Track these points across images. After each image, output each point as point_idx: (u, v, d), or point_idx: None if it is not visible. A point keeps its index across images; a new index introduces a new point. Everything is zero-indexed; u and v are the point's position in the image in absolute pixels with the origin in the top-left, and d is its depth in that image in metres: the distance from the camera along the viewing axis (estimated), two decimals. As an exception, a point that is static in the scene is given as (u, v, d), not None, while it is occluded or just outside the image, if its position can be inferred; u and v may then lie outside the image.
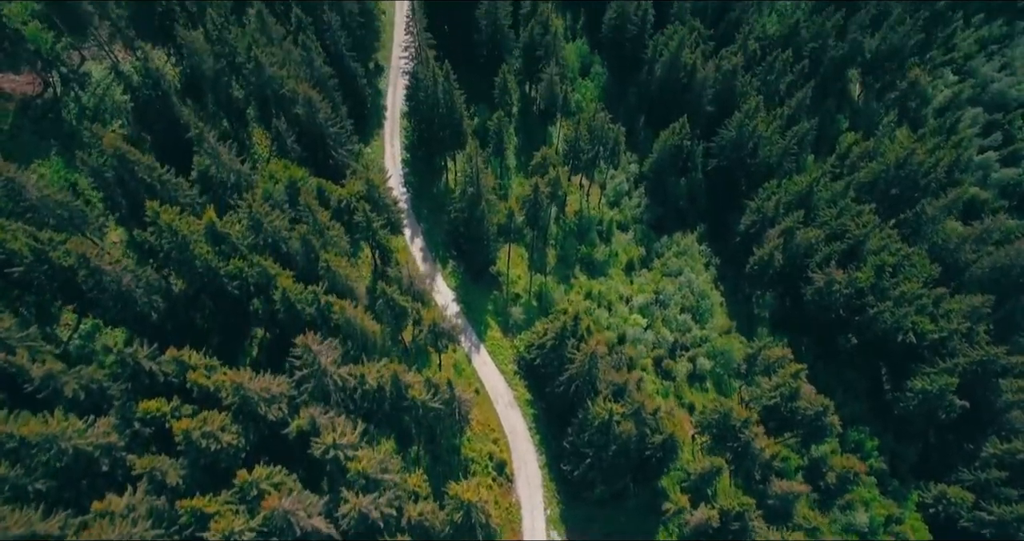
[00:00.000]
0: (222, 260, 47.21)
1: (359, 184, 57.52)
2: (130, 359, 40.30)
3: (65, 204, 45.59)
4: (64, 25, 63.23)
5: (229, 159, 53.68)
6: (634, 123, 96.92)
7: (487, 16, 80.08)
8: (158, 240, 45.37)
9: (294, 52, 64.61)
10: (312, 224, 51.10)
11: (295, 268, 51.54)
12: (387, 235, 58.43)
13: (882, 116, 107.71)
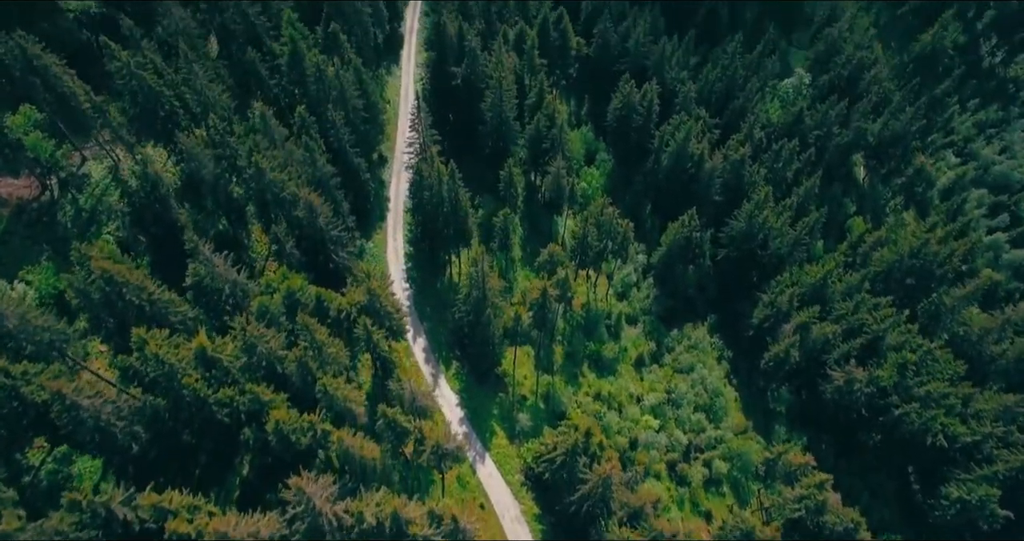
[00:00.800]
0: (212, 387, 44.00)
1: (360, 294, 54.94)
2: (101, 509, 36.46)
3: (46, 328, 42.81)
4: (67, 127, 62.25)
5: (225, 270, 51.28)
6: (640, 211, 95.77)
7: (492, 109, 79.76)
8: (144, 367, 42.35)
9: (296, 152, 63.44)
10: (310, 343, 48.16)
11: (290, 390, 48.29)
12: (389, 346, 55.34)
13: (889, 199, 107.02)
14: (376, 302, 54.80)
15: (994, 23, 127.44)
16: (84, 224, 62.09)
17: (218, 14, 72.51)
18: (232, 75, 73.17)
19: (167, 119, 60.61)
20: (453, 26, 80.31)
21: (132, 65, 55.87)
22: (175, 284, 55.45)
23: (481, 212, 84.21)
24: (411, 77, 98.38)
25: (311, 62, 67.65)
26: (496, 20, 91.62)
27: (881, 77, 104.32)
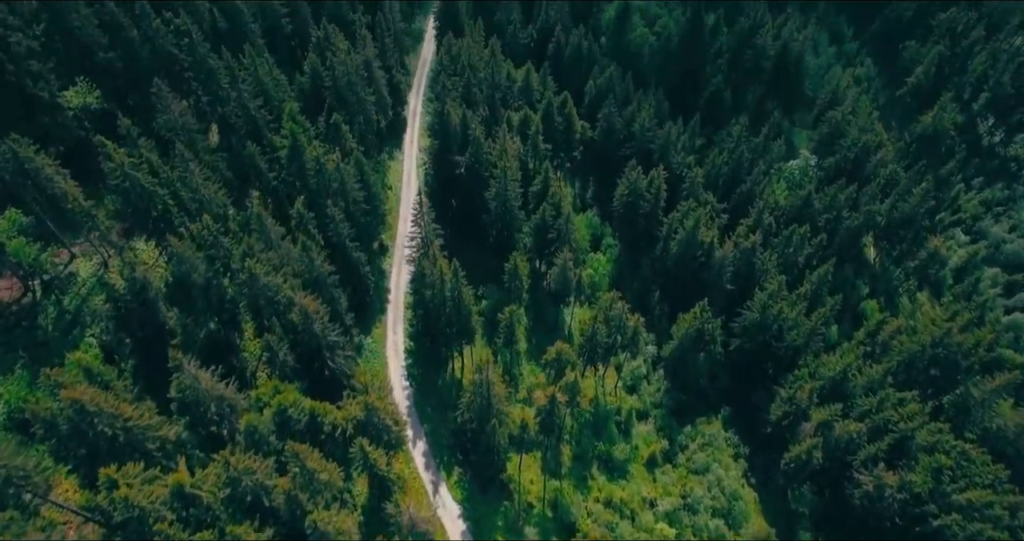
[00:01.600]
0: (188, 530, 39.54)
1: (357, 408, 51.07)
2: None
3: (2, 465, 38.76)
4: (55, 226, 59.84)
5: (211, 386, 47.59)
6: (649, 297, 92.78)
7: (497, 198, 77.90)
8: (112, 510, 38.08)
9: (293, 251, 60.86)
10: (300, 470, 43.94)
11: (278, 522, 43.76)
12: (387, 464, 50.97)
13: (902, 281, 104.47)
14: (374, 416, 50.87)
15: (989, 104, 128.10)
16: (67, 326, 58.83)
17: (219, 106, 71.57)
18: (231, 167, 71.61)
19: (160, 218, 58.30)
20: (456, 114, 79.45)
21: (126, 166, 53.93)
22: (160, 391, 51.81)
23: (485, 303, 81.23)
24: (414, 161, 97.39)
25: (311, 156, 66.03)
26: (500, 106, 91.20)
27: (888, 160, 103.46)
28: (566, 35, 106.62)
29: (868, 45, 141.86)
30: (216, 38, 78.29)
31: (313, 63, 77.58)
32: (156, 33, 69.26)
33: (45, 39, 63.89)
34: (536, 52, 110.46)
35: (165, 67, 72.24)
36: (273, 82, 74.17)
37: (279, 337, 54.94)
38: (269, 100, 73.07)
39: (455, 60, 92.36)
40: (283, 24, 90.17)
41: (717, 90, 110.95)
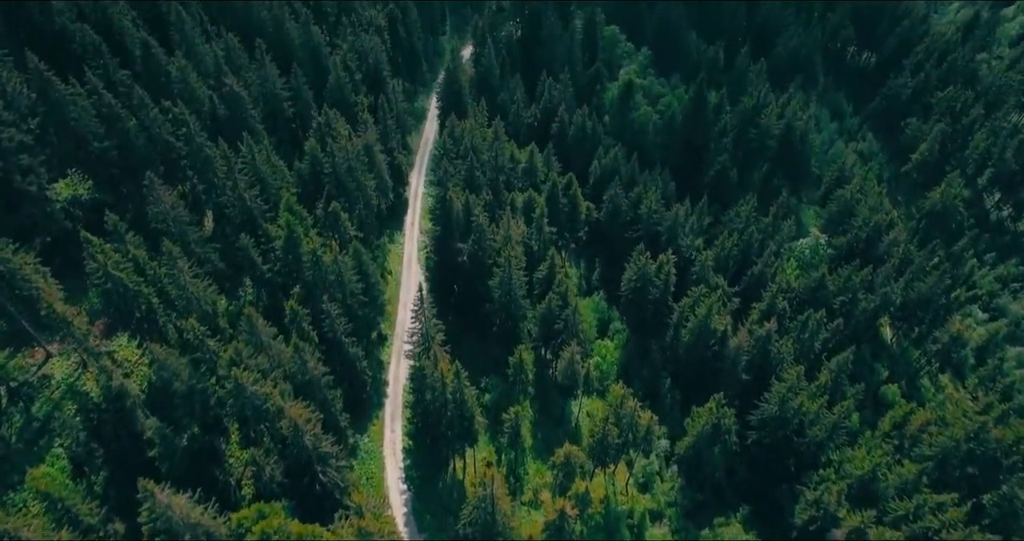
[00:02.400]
0: None
1: (350, 532, 46.10)
2: None
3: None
4: (31, 325, 56.27)
5: (185, 512, 42.83)
6: (659, 384, 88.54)
7: (501, 287, 74.66)
8: None
9: (285, 352, 57.12)
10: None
11: None
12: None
13: (924, 367, 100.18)
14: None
15: (994, 180, 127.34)
16: (34, 435, 54.33)
17: (215, 195, 69.35)
18: (224, 258, 68.73)
19: (144, 318, 54.88)
20: (459, 200, 77.26)
21: (109, 267, 50.89)
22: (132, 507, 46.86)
23: (488, 396, 76.83)
24: (415, 244, 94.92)
25: (307, 248, 63.20)
26: (503, 188, 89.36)
27: (901, 239, 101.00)
28: (569, 115, 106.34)
29: (869, 121, 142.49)
30: (215, 124, 77.20)
31: (312, 149, 75.97)
32: (154, 122, 67.78)
33: (40, 132, 62.17)
34: (539, 131, 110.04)
35: (162, 155, 70.52)
36: (271, 170, 72.25)
37: (266, 451, 50.59)
38: (266, 188, 70.91)
39: (458, 142, 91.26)
40: (285, 108, 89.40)
41: (723, 169, 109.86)
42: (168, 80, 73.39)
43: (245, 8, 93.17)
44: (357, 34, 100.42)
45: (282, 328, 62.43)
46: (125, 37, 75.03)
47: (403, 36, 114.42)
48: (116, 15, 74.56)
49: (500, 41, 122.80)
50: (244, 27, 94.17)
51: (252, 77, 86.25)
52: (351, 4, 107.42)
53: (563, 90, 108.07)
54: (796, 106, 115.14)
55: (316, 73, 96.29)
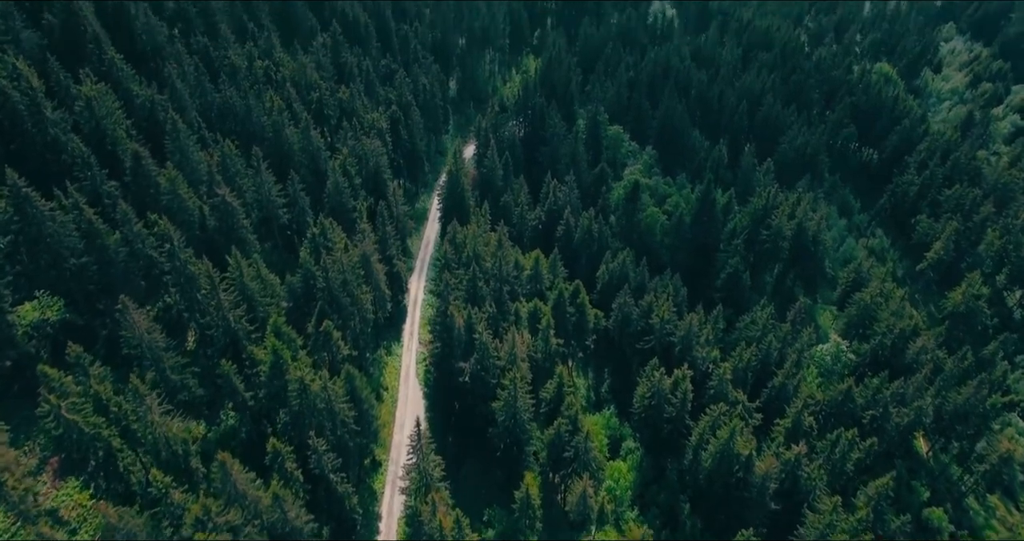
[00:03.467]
0: None
1: None
2: None
3: None
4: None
5: None
6: (678, 510, 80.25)
7: (506, 409, 68.26)
8: None
9: (264, 500, 50.18)
10: None
11: None
12: None
13: (970, 488, 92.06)
14: None
15: (1012, 278, 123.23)
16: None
17: (198, 314, 64.30)
18: (204, 383, 62.86)
19: (100, 465, 48.43)
20: (461, 316, 72.25)
21: (64, 409, 45.04)
22: None
23: (491, 532, 68.78)
24: (413, 356, 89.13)
25: (295, 375, 57.47)
26: (507, 298, 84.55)
27: (929, 347, 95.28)
28: (575, 218, 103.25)
29: (877, 218, 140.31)
30: (205, 236, 73.50)
31: (306, 262, 71.69)
32: (137, 236, 63.83)
33: (10, 250, 58.08)
34: (544, 234, 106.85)
35: (144, 271, 66.16)
36: (259, 286, 67.67)
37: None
38: (254, 307, 66.08)
39: (459, 250, 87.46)
40: (280, 214, 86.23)
41: (735, 271, 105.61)
42: (157, 191, 70.10)
43: (245, 114, 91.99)
44: (358, 138, 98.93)
45: (264, 465, 55.87)
46: (118, 147, 72.58)
47: (405, 138, 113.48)
48: (110, 126, 72.31)
49: (503, 141, 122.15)
50: (243, 133, 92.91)
51: (247, 184, 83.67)
52: (353, 107, 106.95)
53: (568, 192, 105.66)
54: (807, 206, 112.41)
55: (315, 177, 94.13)
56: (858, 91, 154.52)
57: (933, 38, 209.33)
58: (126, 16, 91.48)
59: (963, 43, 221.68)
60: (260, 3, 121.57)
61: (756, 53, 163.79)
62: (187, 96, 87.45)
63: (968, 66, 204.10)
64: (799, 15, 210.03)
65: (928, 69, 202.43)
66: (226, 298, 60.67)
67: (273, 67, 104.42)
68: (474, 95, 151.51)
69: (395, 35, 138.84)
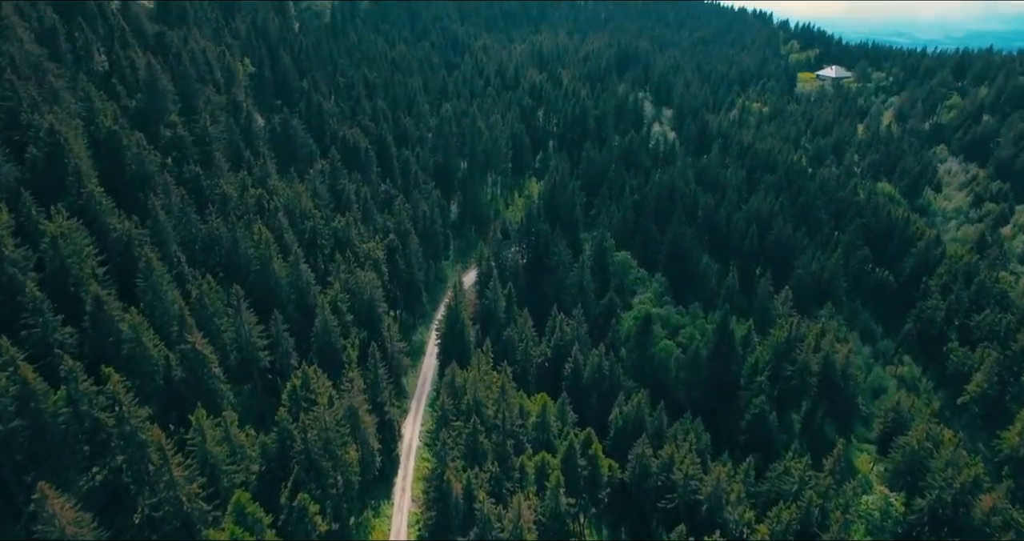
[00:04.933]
0: None
1: None
2: None
3: None
4: None
5: None
6: None
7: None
8: None
9: None
10: None
11: None
12: None
13: None
14: None
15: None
16: None
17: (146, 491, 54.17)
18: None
19: None
20: (459, 482, 62.03)
21: None
22: None
23: None
24: (404, 517, 77.23)
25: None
26: (511, 453, 74.29)
27: (1000, 505, 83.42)
28: (584, 355, 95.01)
29: (904, 345, 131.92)
30: (170, 389, 64.83)
31: (282, 421, 62.47)
32: (83, 396, 55.14)
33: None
34: (551, 372, 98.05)
35: (88, 435, 56.77)
36: (225, 452, 58.07)
37: None
38: (216, 477, 56.19)
39: (458, 397, 78.46)
40: (261, 357, 77.99)
41: (761, 412, 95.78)
42: (118, 339, 62.21)
43: (231, 246, 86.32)
44: (351, 271, 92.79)
45: None
46: (81, 288, 65.63)
47: (402, 267, 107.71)
48: (75, 265, 65.79)
49: (505, 269, 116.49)
50: (228, 266, 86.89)
51: (226, 324, 76.25)
52: (348, 237, 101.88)
53: (576, 327, 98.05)
54: (832, 338, 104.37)
55: (302, 314, 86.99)
56: (867, 212, 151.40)
57: (930, 159, 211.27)
58: (118, 146, 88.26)
59: (958, 164, 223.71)
60: (259, 130, 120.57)
61: (760, 175, 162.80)
62: (170, 228, 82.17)
63: (967, 186, 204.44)
64: (796, 137, 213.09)
65: (929, 188, 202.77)
66: (180, 474, 50.97)
67: (267, 195, 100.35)
68: (476, 219, 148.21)
69: (396, 160, 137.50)
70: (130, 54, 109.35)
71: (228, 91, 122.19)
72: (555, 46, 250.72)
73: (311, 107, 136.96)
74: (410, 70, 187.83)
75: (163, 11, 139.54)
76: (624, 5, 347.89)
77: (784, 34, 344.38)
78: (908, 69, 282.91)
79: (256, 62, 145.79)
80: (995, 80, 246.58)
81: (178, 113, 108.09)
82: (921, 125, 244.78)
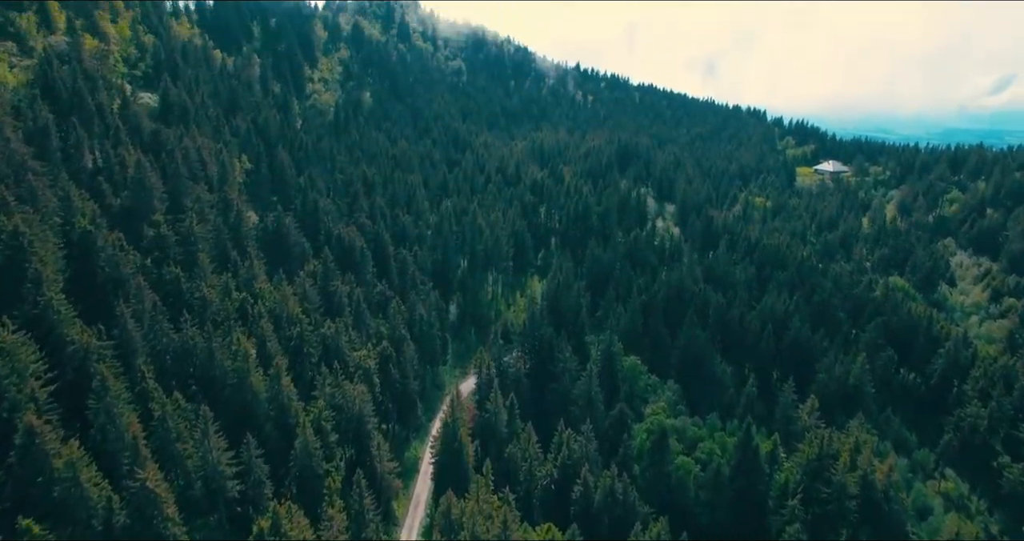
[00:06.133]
0: None
1: None
2: None
3: None
4: None
5: None
6: None
7: None
8: None
9: None
10: None
11: None
12: None
13: None
14: None
15: None
16: None
17: None
18: None
19: None
20: None
21: None
22: None
23: None
24: None
25: None
26: (516, 606, 63.17)
27: None
28: (595, 475, 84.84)
29: (944, 456, 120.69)
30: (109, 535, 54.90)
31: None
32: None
33: None
34: (557, 494, 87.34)
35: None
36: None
37: None
38: None
39: (454, 532, 67.97)
40: (229, 487, 68.36)
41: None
42: (50, 479, 53.13)
43: (206, 358, 78.49)
44: (339, 384, 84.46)
45: None
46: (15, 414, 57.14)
47: (396, 376, 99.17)
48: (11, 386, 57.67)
49: (507, 377, 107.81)
50: (202, 379, 78.77)
51: (191, 449, 67.28)
52: (338, 345, 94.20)
53: (584, 444, 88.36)
54: (870, 453, 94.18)
55: (282, 434, 77.92)
56: (886, 310, 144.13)
57: (942, 253, 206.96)
58: (92, 247, 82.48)
59: (968, 257, 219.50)
60: (250, 229, 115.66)
61: (770, 271, 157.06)
62: (138, 338, 74.81)
63: (982, 280, 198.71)
64: (802, 232, 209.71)
65: (943, 283, 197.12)
66: None
67: (251, 300, 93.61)
68: (476, 320, 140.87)
69: (393, 259, 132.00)
70: (121, 152, 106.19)
71: (221, 189, 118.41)
72: (556, 143, 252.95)
73: (307, 204, 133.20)
74: (411, 167, 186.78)
75: (165, 109, 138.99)
76: (622, 104, 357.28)
77: (779, 130, 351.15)
78: (904, 164, 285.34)
79: (253, 159, 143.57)
80: (991, 175, 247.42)
81: (166, 211, 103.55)
82: (925, 218, 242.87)
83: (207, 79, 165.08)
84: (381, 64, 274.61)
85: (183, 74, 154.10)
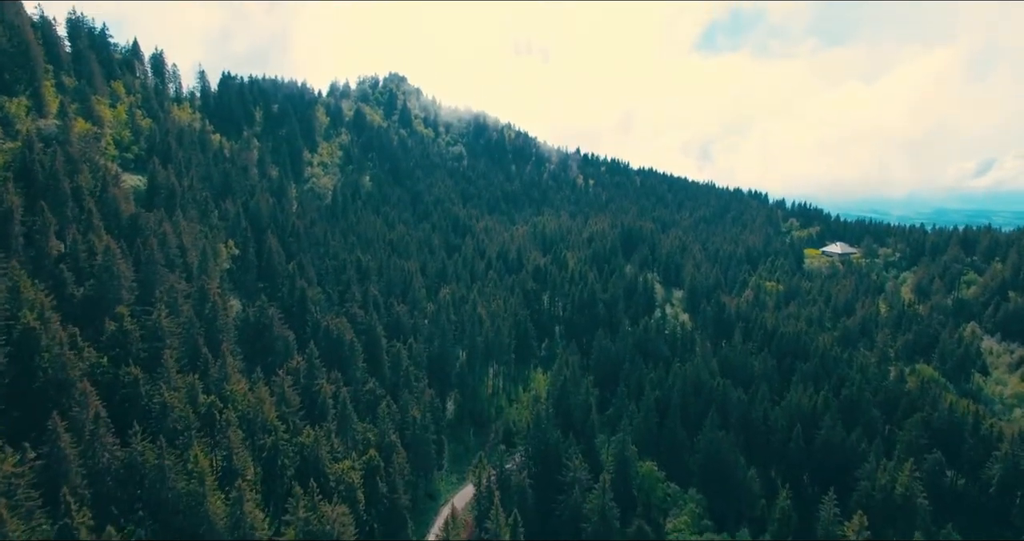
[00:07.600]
0: None
1: None
2: None
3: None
4: None
5: None
6: None
7: None
8: None
9: None
10: None
11: None
12: None
13: None
14: None
15: None
16: None
17: None
18: None
19: None
20: None
21: None
22: None
23: None
24: None
25: None
26: None
27: None
28: (615, 620, 70.88)
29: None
30: None
31: None
32: None
33: None
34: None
35: None
36: None
37: None
38: None
39: None
40: None
41: None
42: None
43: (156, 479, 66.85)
44: (315, 507, 72.21)
45: None
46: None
47: (383, 491, 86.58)
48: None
49: (509, 488, 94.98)
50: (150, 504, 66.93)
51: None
52: (318, 456, 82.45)
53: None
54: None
55: (239, 571, 65.04)
56: (923, 405, 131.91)
57: (971, 340, 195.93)
58: (35, 346, 72.73)
59: (997, 343, 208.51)
60: (229, 321, 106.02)
61: (791, 362, 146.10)
62: (73, 457, 63.62)
63: (1018, 368, 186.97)
64: (819, 318, 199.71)
65: (974, 371, 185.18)
66: None
67: (220, 404, 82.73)
68: (475, 417, 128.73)
69: (386, 353, 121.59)
70: (91, 237, 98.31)
71: (200, 277, 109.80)
72: (558, 227, 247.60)
73: (294, 293, 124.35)
74: (408, 252, 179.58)
75: (152, 192, 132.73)
76: (623, 187, 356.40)
77: (782, 212, 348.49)
78: (913, 245, 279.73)
79: (240, 244, 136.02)
80: (1007, 256, 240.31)
81: (134, 302, 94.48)
82: (944, 301, 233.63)
83: (200, 162, 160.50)
84: (382, 149, 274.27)
85: (175, 156, 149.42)
